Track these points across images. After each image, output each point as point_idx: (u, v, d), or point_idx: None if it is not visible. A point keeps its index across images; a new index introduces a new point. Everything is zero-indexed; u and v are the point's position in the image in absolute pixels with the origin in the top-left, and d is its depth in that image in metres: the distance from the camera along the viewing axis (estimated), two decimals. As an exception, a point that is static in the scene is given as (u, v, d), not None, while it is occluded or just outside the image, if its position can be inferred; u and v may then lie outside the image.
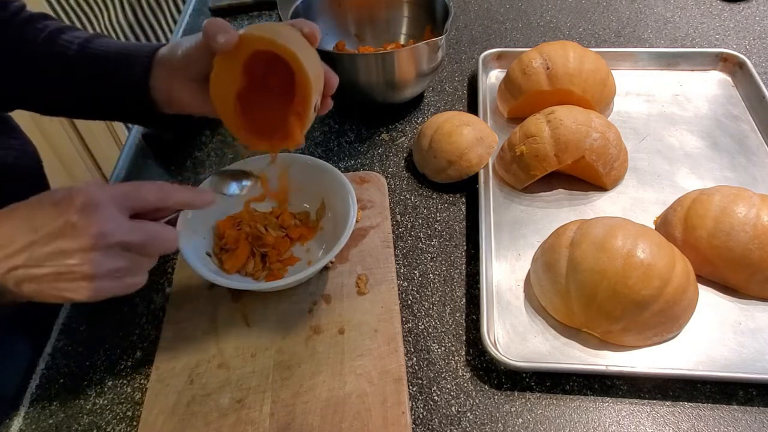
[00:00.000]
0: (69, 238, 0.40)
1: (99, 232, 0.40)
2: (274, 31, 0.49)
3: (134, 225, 0.43)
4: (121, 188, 0.43)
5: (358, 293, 0.61)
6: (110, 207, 0.41)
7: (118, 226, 0.41)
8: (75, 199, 0.40)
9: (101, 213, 0.40)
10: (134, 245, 0.43)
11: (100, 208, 0.40)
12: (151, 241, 0.44)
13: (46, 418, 0.56)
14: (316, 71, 0.51)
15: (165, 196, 0.45)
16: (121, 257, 0.42)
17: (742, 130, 0.78)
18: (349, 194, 0.62)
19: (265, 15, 1.09)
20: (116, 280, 0.43)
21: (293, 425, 0.52)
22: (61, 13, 1.45)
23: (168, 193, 0.45)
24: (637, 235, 0.55)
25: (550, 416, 0.53)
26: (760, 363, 0.55)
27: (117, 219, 0.41)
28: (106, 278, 0.42)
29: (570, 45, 0.77)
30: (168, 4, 1.57)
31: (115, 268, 0.42)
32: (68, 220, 0.40)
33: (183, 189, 0.47)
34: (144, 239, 0.43)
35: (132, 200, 0.43)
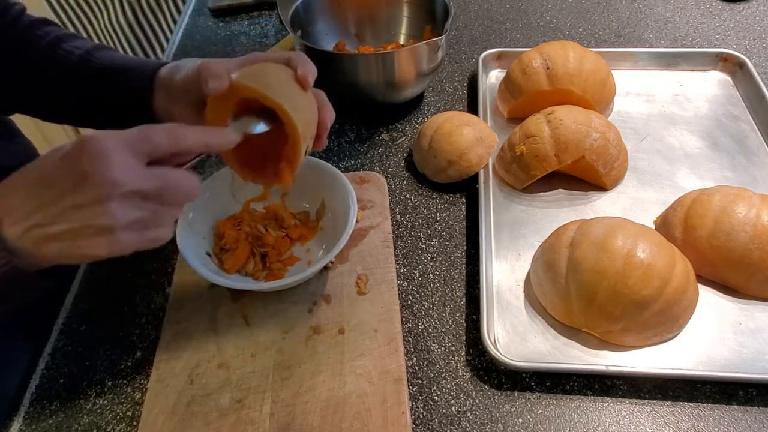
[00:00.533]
0: (82, 190, 0.38)
1: (112, 180, 0.37)
2: (265, 81, 0.48)
3: (150, 171, 0.40)
4: (131, 133, 0.40)
5: (358, 293, 0.61)
6: (122, 153, 0.38)
7: (132, 172, 0.39)
8: (84, 149, 0.38)
9: (113, 160, 0.38)
10: (151, 193, 0.40)
11: (111, 154, 0.38)
12: (169, 189, 0.41)
13: (46, 418, 0.56)
14: (307, 118, 0.50)
15: (178, 138, 0.41)
16: (140, 207, 0.40)
17: (742, 130, 0.78)
18: (349, 194, 0.62)
19: (266, 15, 1.09)
20: (138, 232, 0.40)
21: (293, 425, 0.52)
22: (61, 13, 1.45)
23: (181, 134, 0.42)
24: (637, 235, 0.55)
25: (550, 416, 0.53)
26: (760, 363, 0.55)
27: (130, 165, 0.39)
28: (126, 230, 0.39)
29: (570, 45, 0.77)
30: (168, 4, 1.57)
31: (134, 218, 0.39)
32: (79, 171, 0.38)
33: (198, 129, 0.44)
34: (161, 186, 0.40)
35: (144, 145, 0.40)
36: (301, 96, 0.50)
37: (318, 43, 0.89)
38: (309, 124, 0.51)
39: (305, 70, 0.50)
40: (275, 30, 1.05)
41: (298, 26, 0.84)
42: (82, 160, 0.38)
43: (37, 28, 0.63)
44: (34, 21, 0.63)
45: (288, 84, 0.50)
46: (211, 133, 0.45)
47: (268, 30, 1.05)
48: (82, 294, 0.66)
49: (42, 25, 0.63)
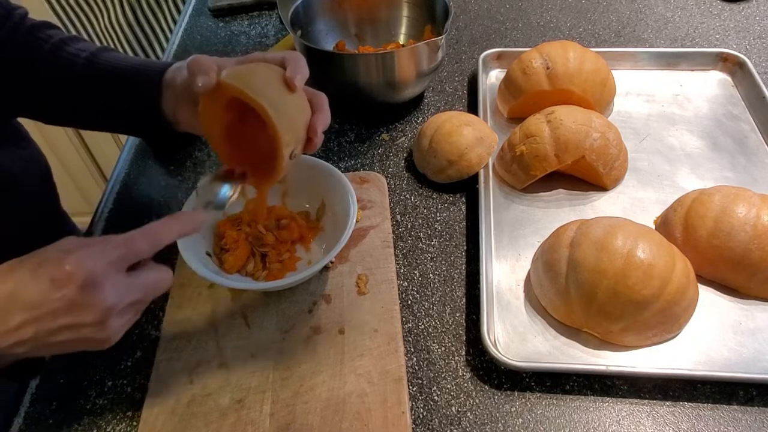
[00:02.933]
0: (78, 314, 0.41)
1: (108, 306, 0.41)
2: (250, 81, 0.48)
3: (134, 285, 0.43)
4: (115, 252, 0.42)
5: (358, 293, 0.61)
6: (110, 278, 0.41)
7: (122, 293, 0.42)
8: (73, 278, 0.40)
9: (105, 287, 0.41)
10: (138, 301, 0.44)
11: (102, 283, 0.41)
12: (151, 292, 0.45)
13: (46, 418, 0.56)
14: (292, 119, 0.49)
15: (157, 241, 0.45)
16: (128, 311, 0.44)
17: (742, 130, 0.78)
18: (349, 194, 0.62)
19: (266, 15, 1.09)
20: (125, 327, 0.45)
21: (293, 425, 0.52)
22: (61, 13, 1.45)
23: (159, 237, 0.45)
24: (637, 235, 0.55)
25: (550, 416, 0.53)
26: (760, 363, 0.55)
27: (119, 287, 0.42)
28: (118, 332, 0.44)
29: (570, 45, 0.77)
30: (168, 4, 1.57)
31: (125, 321, 0.44)
32: (72, 300, 0.40)
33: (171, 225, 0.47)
34: (145, 293, 0.45)
35: (128, 260, 0.43)
36: (288, 97, 0.49)
37: (318, 43, 0.89)
38: (294, 125, 0.50)
39: (293, 70, 0.50)
40: (275, 30, 1.05)
41: (298, 26, 0.84)
42: (71, 289, 0.40)
43: (40, 31, 0.63)
44: (36, 24, 0.63)
45: (274, 85, 0.49)
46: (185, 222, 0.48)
47: (268, 30, 1.05)
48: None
49: (44, 29, 0.63)
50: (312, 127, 0.52)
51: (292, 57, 0.51)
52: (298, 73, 0.50)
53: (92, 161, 1.77)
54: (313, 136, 0.52)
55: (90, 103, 0.62)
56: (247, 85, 0.48)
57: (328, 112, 0.54)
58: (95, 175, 1.79)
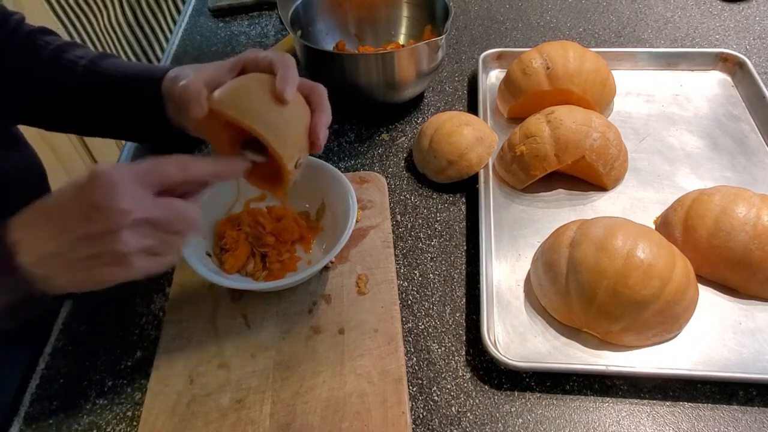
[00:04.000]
0: (94, 220, 0.40)
1: (122, 209, 0.39)
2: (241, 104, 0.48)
3: (157, 201, 0.42)
4: (143, 165, 0.42)
5: (358, 293, 0.61)
6: (132, 185, 0.40)
7: (141, 203, 0.41)
8: (95, 180, 0.40)
9: (123, 191, 0.40)
10: (160, 221, 0.42)
11: (121, 186, 0.40)
12: (176, 218, 0.43)
13: (46, 418, 0.56)
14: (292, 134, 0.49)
15: (187, 169, 0.44)
16: (150, 235, 0.42)
17: (742, 130, 0.78)
18: (349, 194, 0.62)
19: (266, 15, 1.09)
20: (149, 258, 0.43)
21: (293, 425, 0.52)
22: (61, 13, 1.45)
23: (189, 166, 0.44)
24: (637, 235, 0.55)
25: (550, 416, 0.53)
26: (760, 363, 0.55)
27: (139, 196, 0.41)
28: (138, 257, 0.42)
29: (570, 45, 0.77)
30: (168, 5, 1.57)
31: (145, 245, 0.42)
32: (91, 202, 0.40)
33: (206, 160, 0.46)
34: (168, 215, 0.43)
35: (154, 176, 0.42)
36: (283, 112, 0.49)
37: (318, 43, 0.89)
38: (294, 139, 0.50)
39: (283, 82, 0.48)
40: (275, 30, 1.05)
41: (298, 26, 0.84)
42: (93, 191, 0.40)
43: (38, 37, 0.62)
44: (33, 30, 0.63)
45: (266, 103, 0.48)
46: (221, 164, 0.47)
47: (268, 30, 1.05)
48: (82, 294, 0.66)
49: (42, 35, 0.63)
50: (313, 131, 0.51)
51: (281, 62, 0.50)
52: (287, 84, 0.48)
53: (92, 161, 1.77)
54: (315, 140, 0.51)
55: (90, 110, 0.62)
56: (240, 110, 0.47)
57: (328, 109, 0.53)
58: (95, 175, 1.79)
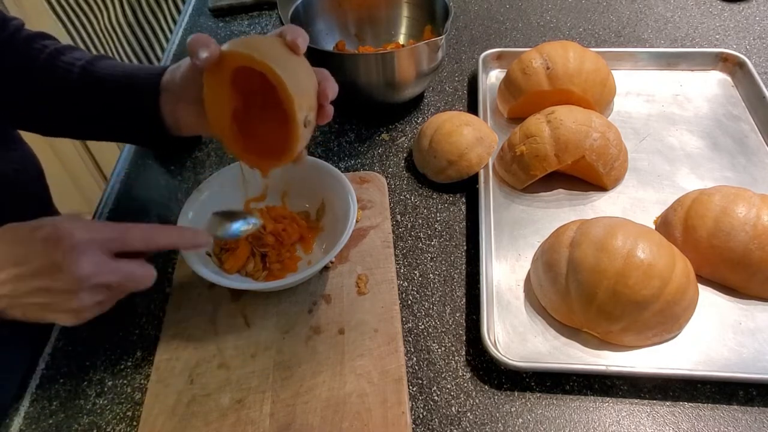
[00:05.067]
0: (55, 277, 0.43)
1: (83, 275, 0.43)
2: (254, 46, 0.47)
3: (114, 267, 0.45)
4: (108, 233, 0.46)
5: (358, 293, 0.61)
6: (95, 252, 0.44)
7: (100, 269, 0.44)
8: (62, 241, 0.43)
9: (86, 258, 0.43)
10: (113, 284, 0.46)
11: (85, 253, 0.43)
12: (127, 281, 0.47)
13: (46, 418, 0.56)
14: (302, 82, 0.48)
15: (150, 240, 0.48)
16: (102, 292, 0.46)
17: (742, 130, 0.78)
18: (349, 194, 0.62)
19: (266, 15, 1.09)
20: (98, 308, 0.47)
21: (293, 425, 0.52)
22: (61, 13, 1.45)
23: (154, 238, 0.48)
24: (637, 235, 0.55)
25: (550, 416, 0.53)
26: (760, 363, 0.55)
27: (99, 263, 0.44)
28: (90, 310, 0.46)
29: (570, 45, 0.77)
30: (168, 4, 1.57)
31: (96, 301, 0.46)
32: (54, 262, 0.43)
33: (171, 231, 0.49)
34: (121, 279, 0.46)
35: (117, 244, 0.46)
36: (294, 60, 0.49)
37: (318, 43, 0.89)
38: (304, 89, 0.48)
39: (294, 35, 0.49)
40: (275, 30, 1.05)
41: (298, 26, 0.84)
42: (57, 251, 0.43)
43: (35, 41, 0.62)
44: (32, 35, 0.63)
45: (279, 49, 0.48)
46: (185, 235, 0.51)
47: (268, 30, 1.05)
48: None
49: (40, 39, 0.63)
50: (323, 93, 0.51)
51: (289, 27, 0.51)
52: (299, 36, 0.49)
53: (92, 161, 1.77)
54: (323, 102, 0.51)
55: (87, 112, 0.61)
56: (253, 49, 0.46)
57: (334, 81, 0.53)
58: (95, 175, 1.79)
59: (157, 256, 0.68)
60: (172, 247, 0.50)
